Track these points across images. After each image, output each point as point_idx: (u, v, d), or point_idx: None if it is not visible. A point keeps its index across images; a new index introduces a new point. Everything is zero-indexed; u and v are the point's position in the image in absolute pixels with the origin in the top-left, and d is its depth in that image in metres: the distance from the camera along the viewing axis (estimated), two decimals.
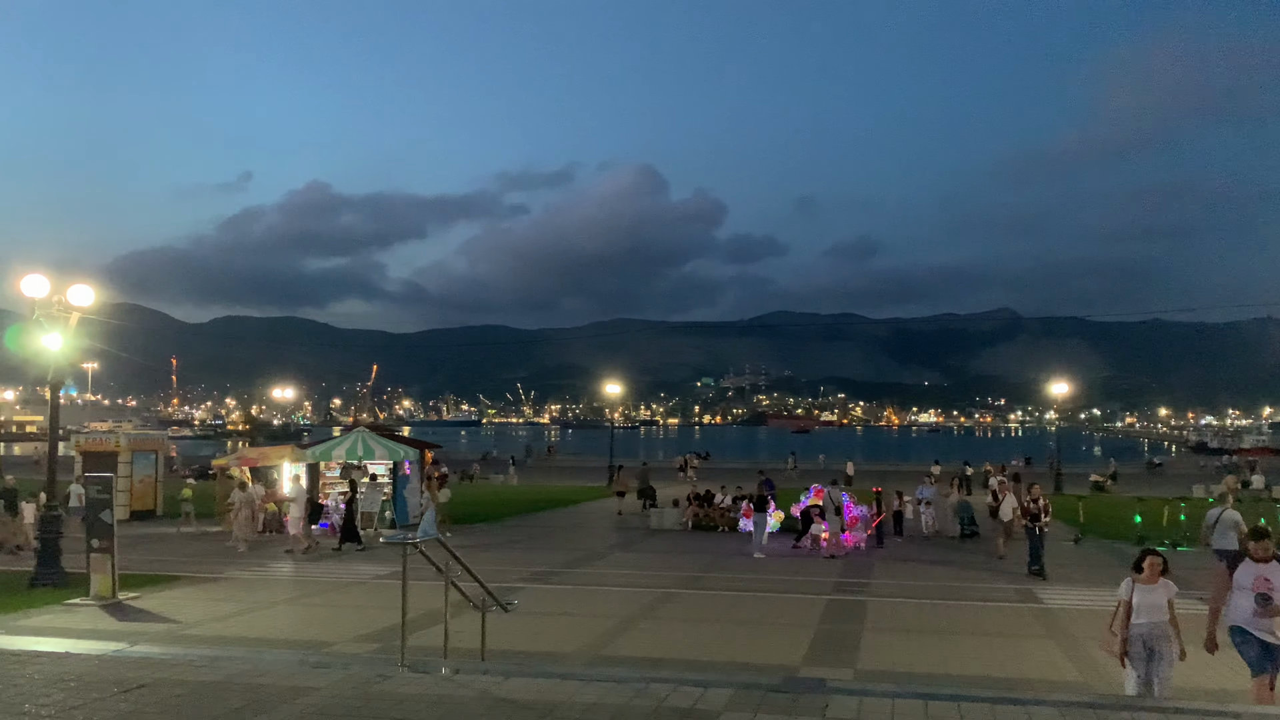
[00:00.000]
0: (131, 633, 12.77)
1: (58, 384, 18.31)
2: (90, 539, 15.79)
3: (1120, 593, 8.94)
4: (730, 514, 27.40)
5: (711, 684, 7.80)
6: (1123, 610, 8.83)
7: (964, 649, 12.33)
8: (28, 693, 7.48)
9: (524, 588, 16.58)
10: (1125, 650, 8.74)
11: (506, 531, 27.02)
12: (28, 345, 17.45)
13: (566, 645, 12.41)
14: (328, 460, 27.38)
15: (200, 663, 8.61)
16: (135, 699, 7.29)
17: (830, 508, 23.43)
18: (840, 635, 13.23)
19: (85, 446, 29.78)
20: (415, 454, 28.99)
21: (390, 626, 12.67)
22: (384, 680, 7.92)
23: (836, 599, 16.31)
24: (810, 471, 54.86)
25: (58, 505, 18.12)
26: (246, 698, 7.34)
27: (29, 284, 16.85)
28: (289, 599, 16.17)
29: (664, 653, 11.91)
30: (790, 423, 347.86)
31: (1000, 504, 22.74)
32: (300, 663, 8.76)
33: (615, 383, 71.06)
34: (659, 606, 15.61)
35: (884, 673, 10.84)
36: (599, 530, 27.71)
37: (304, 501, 23.13)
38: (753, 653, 12.05)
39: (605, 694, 7.41)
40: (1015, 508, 21.31)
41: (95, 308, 18.37)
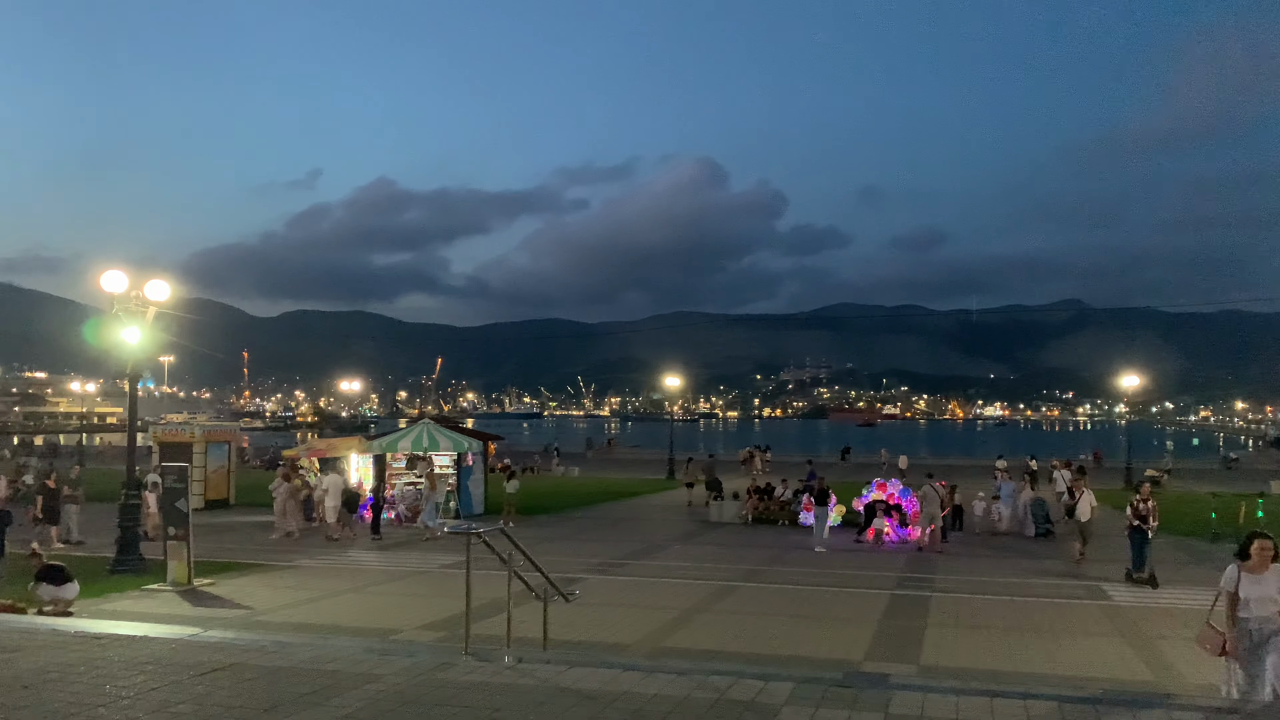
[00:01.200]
0: (206, 618, 13.19)
1: (136, 377, 18.94)
2: (167, 527, 16.32)
3: (1224, 582, 8.16)
4: (791, 507, 27.23)
5: (772, 677, 7.77)
6: (1226, 601, 8.09)
7: (1030, 646, 12.11)
8: (109, 674, 7.76)
9: (585, 579, 16.70)
10: (1232, 647, 7.96)
11: (567, 523, 27.21)
12: (107, 339, 18.09)
13: (627, 636, 12.48)
14: (394, 452, 27.87)
15: (271, 648, 8.84)
16: (210, 682, 7.51)
17: (934, 500, 22.79)
18: (903, 630, 13.08)
19: (162, 437, 30.69)
20: (479, 445, 29.36)
21: (454, 615, 12.88)
22: (448, 668, 8.04)
23: (899, 594, 16.12)
24: (868, 465, 54.28)
25: (137, 494, 18.77)
26: (316, 683, 7.51)
27: (109, 280, 17.46)
28: (356, 587, 16.51)
29: (724, 645, 11.92)
30: (853, 416, 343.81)
31: (1077, 502, 20.91)
32: (367, 650, 8.94)
33: (675, 375, 70.85)
34: (719, 599, 15.60)
35: (948, 669, 10.70)
36: (659, 522, 27.76)
37: (339, 491, 23.75)
38: (814, 647, 11.98)
39: (666, 685, 7.44)
40: (1094, 505, 20.16)
41: (171, 303, 18.96)
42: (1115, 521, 22.35)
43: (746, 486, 30.34)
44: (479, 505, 28.22)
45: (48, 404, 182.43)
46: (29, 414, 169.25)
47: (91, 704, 6.86)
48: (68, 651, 8.52)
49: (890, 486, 25.43)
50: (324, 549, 21.13)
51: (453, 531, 8.96)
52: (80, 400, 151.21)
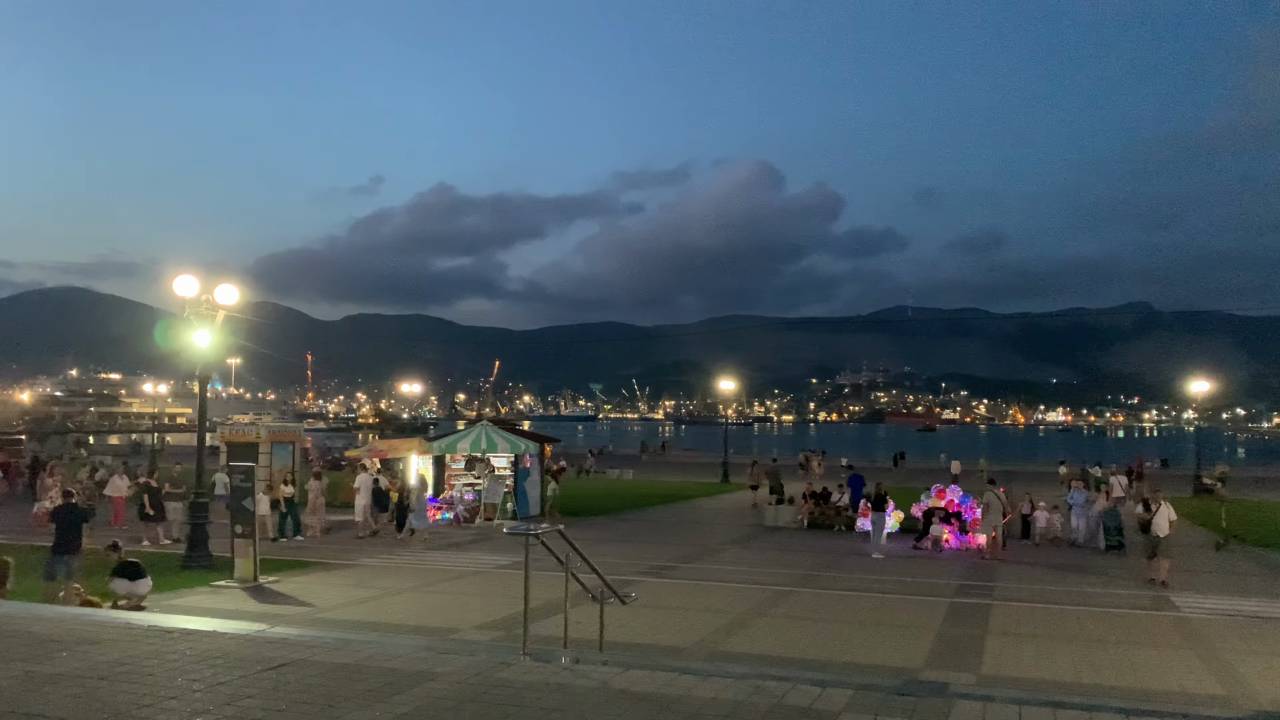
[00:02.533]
0: (272, 614, 13.50)
1: (206, 378, 19.49)
2: (234, 525, 16.75)
3: None
4: (847, 512, 26.97)
5: (830, 683, 7.73)
6: None
7: (1095, 657, 11.85)
8: (180, 667, 8.00)
9: (640, 581, 16.74)
10: None
11: (622, 525, 27.29)
12: (178, 341, 18.64)
13: (683, 639, 12.50)
14: (453, 453, 28.24)
15: (334, 645, 9.02)
16: (276, 677, 7.70)
17: (996, 508, 22.31)
18: (963, 639, 12.89)
19: (229, 438, 31.47)
20: (536, 447, 29.59)
21: (511, 615, 13.01)
22: (506, 668, 8.13)
23: (959, 602, 15.88)
24: (925, 471, 53.47)
25: (205, 493, 19.29)
26: (378, 680, 7.65)
27: (181, 284, 18.00)
28: (415, 586, 16.77)
29: (780, 650, 11.86)
30: (911, 420, 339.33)
31: (1154, 515, 18.64)
32: (427, 648, 9.07)
33: (729, 379, 70.62)
34: (775, 604, 15.53)
35: (1009, 679, 10.53)
36: (713, 526, 27.69)
37: (369, 490, 24.33)
38: (871, 654, 11.87)
39: (723, 689, 7.43)
40: (1173, 520, 18.44)
41: (239, 306, 19.49)
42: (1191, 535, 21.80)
43: (802, 491, 30.13)
44: (535, 507, 28.42)
45: (121, 404, 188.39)
46: (104, 414, 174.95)
47: (164, 696, 7.07)
48: (141, 644, 8.79)
49: (950, 493, 25.05)
50: (386, 548, 21.46)
51: (512, 533, 9.05)
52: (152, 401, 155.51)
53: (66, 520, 14.71)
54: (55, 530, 14.61)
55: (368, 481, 24.65)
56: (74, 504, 15.67)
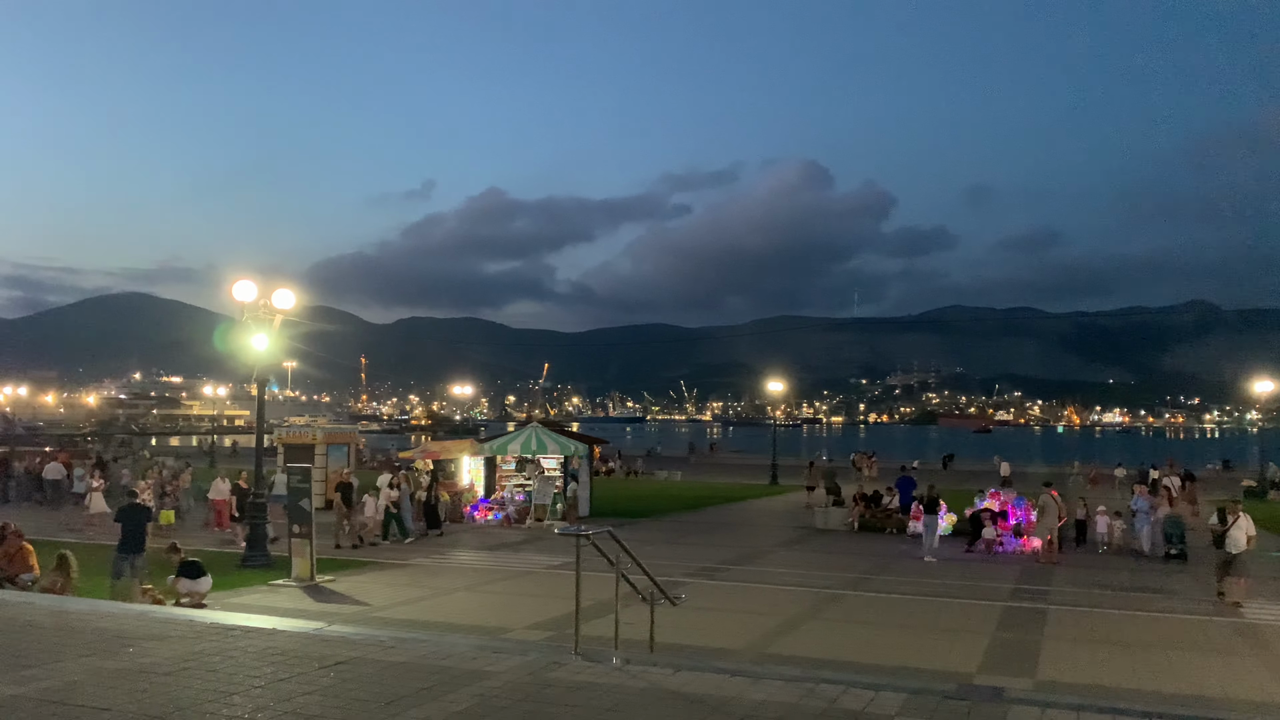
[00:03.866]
0: (329, 613, 13.75)
1: (264, 381, 19.95)
2: (292, 525, 17.09)
3: None
4: (899, 515, 26.70)
5: (883, 687, 7.67)
6: None
7: (1155, 663, 11.61)
8: (243, 664, 8.20)
9: (689, 582, 16.74)
10: None
11: (671, 527, 27.30)
12: (237, 345, 19.09)
13: (733, 641, 12.49)
14: (504, 454, 28.52)
15: (390, 643, 9.18)
16: (335, 675, 7.86)
17: (1052, 511, 21.89)
18: (1018, 643, 12.71)
19: (286, 439, 32.08)
20: (585, 449, 29.76)
21: (561, 615, 13.10)
22: (558, 667, 8.20)
23: (1013, 606, 15.65)
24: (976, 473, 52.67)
25: (264, 494, 19.71)
26: (432, 679, 7.77)
27: (239, 289, 18.44)
28: (467, 586, 16.97)
29: (832, 654, 11.80)
30: (963, 422, 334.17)
31: (1230, 527, 16.51)
32: (480, 647, 9.18)
33: (778, 380, 70.19)
34: (825, 607, 15.45)
35: (1066, 684, 10.36)
36: (762, 528, 27.59)
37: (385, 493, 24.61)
38: (924, 658, 11.75)
39: (775, 692, 7.42)
40: (1251, 535, 16.46)
41: (295, 310, 19.89)
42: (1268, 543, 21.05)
43: (853, 493, 29.90)
44: (585, 508, 28.58)
45: (182, 406, 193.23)
46: (165, 416, 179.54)
47: (226, 692, 7.25)
48: (204, 641, 9.02)
49: (1004, 495, 24.70)
50: (437, 549, 21.72)
51: (563, 533, 9.19)
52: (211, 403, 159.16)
53: (131, 520, 15.10)
54: (121, 530, 15.01)
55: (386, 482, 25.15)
56: (138, 504, 16.09)
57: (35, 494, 32.15)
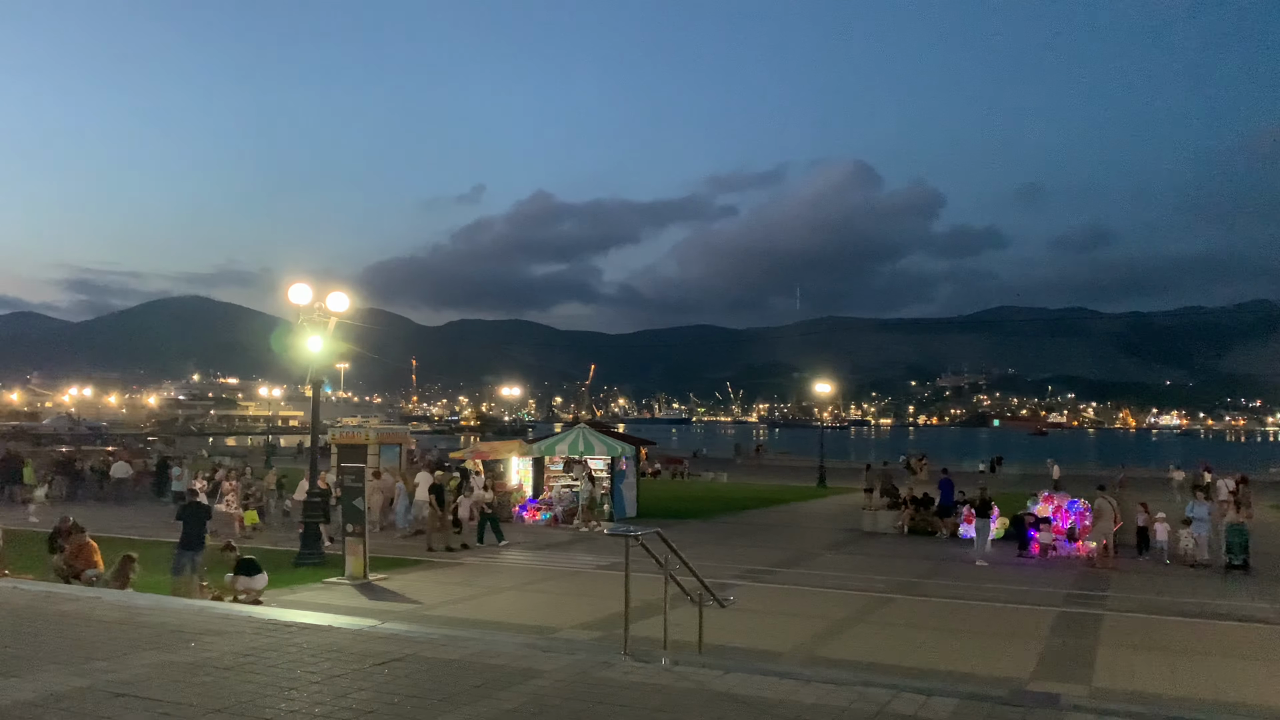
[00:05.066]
0: (381, 611, 13.97)
1: (319, 383, 20.31)
2: (345, 524, 17.38)
3: None
4: (951, 518, 26.37)
5: (935, 692, 7.61)
6: None
7: (1216, 672, 11.34)
8: (298, 660, 8.38)
9: (736, 584, 16.70)
10: None
11: (717, 528, 27.26)
12: (292, 347, 19.48)
13: (781, 644, 12.45)
14: (551, 455, 28.72)
15: (442, 641, 9.31)
16: (388, 672, 8.00)
17: (1108, 514, 21.42)
18: (1073, 649, 12.50)
19: (339, 439, 32.58)
20: (632, 450, 29.85)
21: (609, 615, 13.17)
22: (608, 667, 8.26)
23: (1067, 611, 15.39)
24: (1024, 476, 51.83)
25: (319, 493, 20.07)
26: (483, 677, 7.88)
27: (295, 292, 18.81)
28: (516, 585, 17.12)
29: (881, 658, 11.71)
30: (1016, 424, 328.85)
31: None
32: (530, 646, 9.28)
33: (825, 381, 69.89)
34: (875, 610, 15.33)
35: (1123, 692, 10.17)
36: (810, 530, 27.44)
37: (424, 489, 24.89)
38: (976, 663, 11.62)
39: (825, 695, 7.41)
40: None
41: (348, 313, 20.23)
42: None
43: (903, 496, 29.59)
44: (632, 508, 28.67)
45: (238, 407, 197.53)
46: (222, 416, 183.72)
47: (284, 687, 7.42)
48: (262, 637, 9.24)
49: (1057, 498, 24.29)
50: (487, 548, 21.92)
51: (612, 533, 9.26)
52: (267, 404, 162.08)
53: (191, 518, 15.46)
54: (181, 527, 15.38)
55: (427, 479, 25.50)
56: (198, 502, 16.47)
57: (99, 492, 33.10)
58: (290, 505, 26.13)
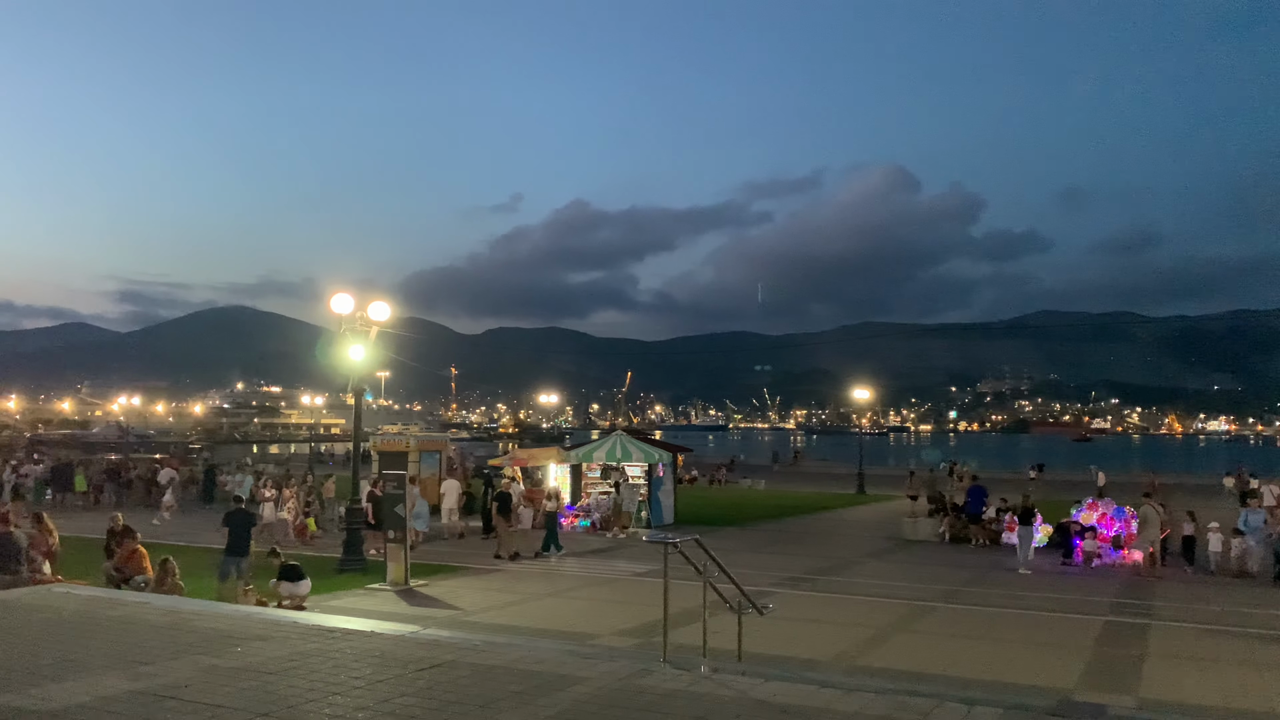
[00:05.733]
0: (423, 616, 14.10)
1: (361, 391, 20.57)
2: (387, 530, 17.56)
3: None
4: (992, 526, 26.05)
5: (978, 702, 7.53)
6: None
7: (1267, 683, 11.10)
8: (342, 664, 8.49)
9: (775, 592, 16.64)
10: None
11: (755, 536, 27.15)
12: (335, 356, 19.75)
13: (821, 652, 12.38)
14: (589, 461, 28.82)
15: (482, 647, 9.38)
16: (430, 677, 8.08)
17: (1154, 522, 21.00)
18: (1119, 660, 12.30)
19: (380, 447, 32.92)
20: (669, 457, 29.84)
21: (648, 623, 13.18)
22: (648, 674, 8.27)
23: (1113, 620, 15.15)
24: (1066, 483, 50.95)
25: (360, 499, 20.30)
26: (525, 683, 7.93)
27: (338, 302, 19.09)
28: (555, 592, 17.18)
29: (923, 667, 11.60)
30: (1059, 430, 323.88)
31: None
32: (570, 653, 9.32)
33: (863, 387, 69.24)
34: (916, 619, 15.19)
35: (1172, 704, 10.00)
36: (850, 538, 27.23)
37: (455, 494, 25.73)
38: (1020, 673, 11.47)
39: (866, 704, 7.36)
40: None
41: (389, 322, 20.48)
42: None
43: (933, 505, 29.28)
44: (669, 515, 28.64)
45: (281, 415, 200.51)
46: (266, 424, 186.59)
47: (329, 691, 7.53)
48: (307, 642, 9.37)
49: (1102, 505, 23.89)
50: (525, 554, 21.99)
51: (650, 541, 9.35)
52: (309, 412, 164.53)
53: (237, 524, 15.72)
54: (227, 534, 15.64)
55: (454, 487, 25.78)
56: (243, 509, 16.72)
57: (147, 499, 33.75)
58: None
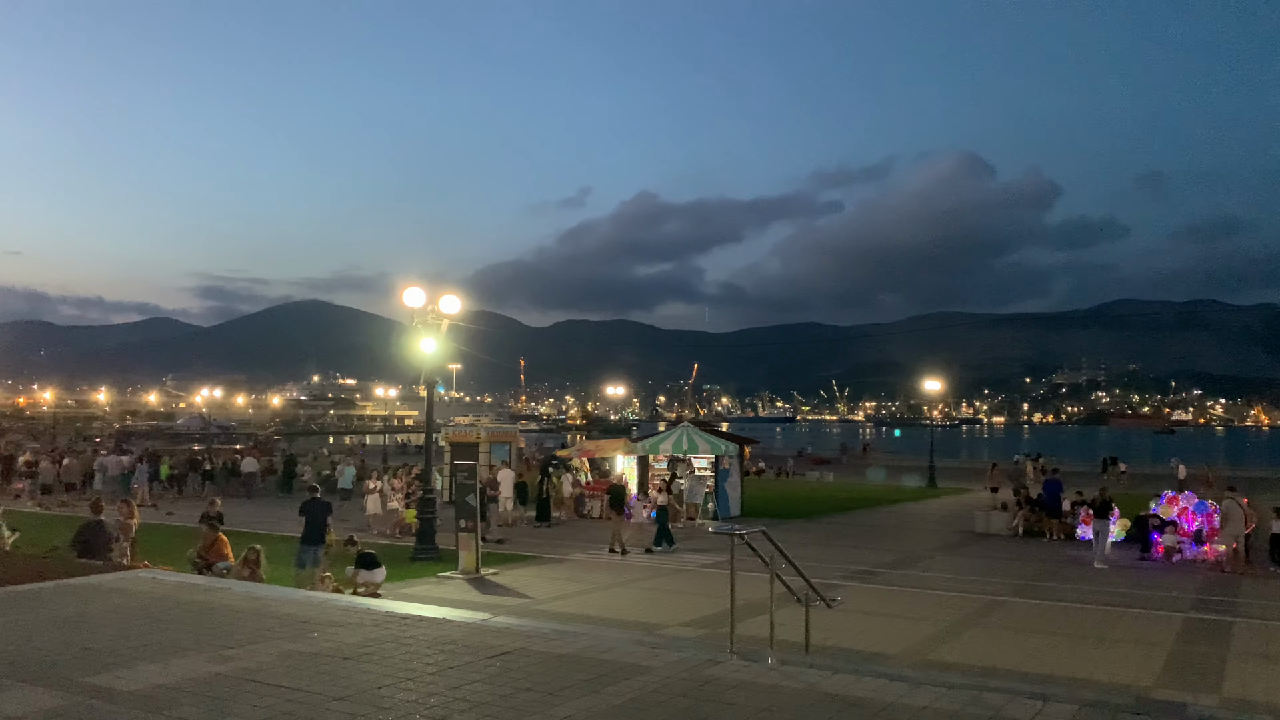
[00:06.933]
0: (493, 605, 14.33)
1: (433, 383, 21.00)
2: (458, 520, 17.88)
3: None
4: (1067, 519, 25.43)
5: (1052, 698, 7.38)
6: None
7: None
8: (415, 651, 8.68)
9: (842, 585, 16.51)
10: None
11: (823, 528, 26.96)
12: (407, 349, 20.19)
13: (890, 646, 12.26)
14: (656, 453, 28.92)
15: (552, 636, 9.49)
16: (501, 664, 8.21)
17: (1238, 517, 20.38)
18: (1200, 657, 11.94)
19: (452, 438, 33.48)
20: (735, 449, 29.78)
21: (714, 614, 13.21)
22: (715, 665, 8.28)
23: (1194, 617, 14.70)
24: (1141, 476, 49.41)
25: (433, 490, 20.71)
26: (593, 671, 8.00)
27: (410, 295, 19.47)
28: (622, 582, 17.31)
29: (995, 662, 11.42)
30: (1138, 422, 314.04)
31: None
32: (637, 643, 9.37)
33: (935, 378, 67.89)
34: (987, 613, 14.94)
35: (1258, 704, 9.67)
36: (920, 531, 26.86)
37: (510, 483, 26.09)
38: (1095, 669, 11.21)
39: (937, 698, 7.27)
40: None
41: (460, 315, 20.81)
42: None
43: (1016, 496, 28.66)
44: (736, 507, 28.59)
45: (356, 407, 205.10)
46: (341, 416, 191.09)
47: (402, 677, 7.70)
48: (381, 629, 9.59)
49: (1183, 499, 23.16)
50: (594, 544, 22.19)
51: (717, 532, 9.35)
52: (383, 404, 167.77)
53: (313, 514, 16.14)
54: (304, 523, 16.07)
55: (509, 476, 26.12)
56: (319, 498, 17.16)
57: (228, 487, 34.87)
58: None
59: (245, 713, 6.71)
